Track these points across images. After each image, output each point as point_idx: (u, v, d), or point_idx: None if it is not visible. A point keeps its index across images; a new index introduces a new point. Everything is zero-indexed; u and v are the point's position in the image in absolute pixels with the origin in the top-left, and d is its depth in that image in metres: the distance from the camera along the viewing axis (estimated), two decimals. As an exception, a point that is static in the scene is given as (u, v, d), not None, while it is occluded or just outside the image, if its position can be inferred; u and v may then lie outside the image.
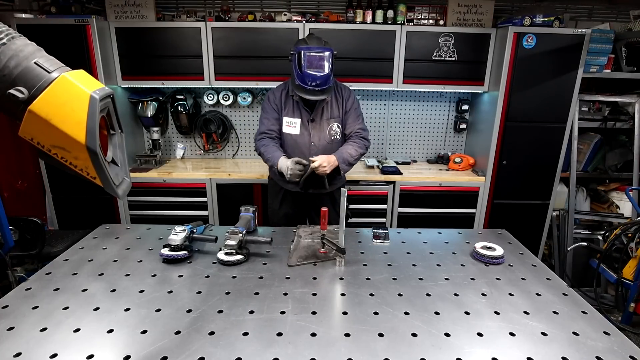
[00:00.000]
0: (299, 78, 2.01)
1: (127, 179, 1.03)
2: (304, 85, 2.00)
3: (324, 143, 2.22)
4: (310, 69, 1.98)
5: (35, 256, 2.09)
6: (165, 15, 2.99)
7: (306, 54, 1.98)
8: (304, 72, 1.98)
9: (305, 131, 2.20)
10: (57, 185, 2.98)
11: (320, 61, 1.99)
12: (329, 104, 2.20)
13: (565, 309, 1.24)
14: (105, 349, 1.02)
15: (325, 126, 2.21)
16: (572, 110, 2.87)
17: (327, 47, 2.04)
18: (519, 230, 2.07)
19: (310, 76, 1.97)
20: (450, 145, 3.52)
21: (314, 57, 1.99)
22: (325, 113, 2.20)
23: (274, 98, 2.23)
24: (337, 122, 2.23)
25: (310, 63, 1.98)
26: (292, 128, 2.21)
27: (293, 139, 2.22)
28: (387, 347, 1.04)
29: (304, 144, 2.21)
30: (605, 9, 3.21)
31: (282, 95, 2.22)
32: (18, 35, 0.82)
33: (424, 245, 1.70)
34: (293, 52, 2.06)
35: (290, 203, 2.36)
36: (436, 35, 2.87)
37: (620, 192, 3.32)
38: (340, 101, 2.22)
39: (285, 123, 2.21)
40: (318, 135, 2.20)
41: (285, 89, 2.24)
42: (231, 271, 1.44)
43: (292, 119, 2.20)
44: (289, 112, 2.20)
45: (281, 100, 2.21)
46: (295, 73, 2.03)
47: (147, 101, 3.11)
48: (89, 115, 0.81)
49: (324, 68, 1.99)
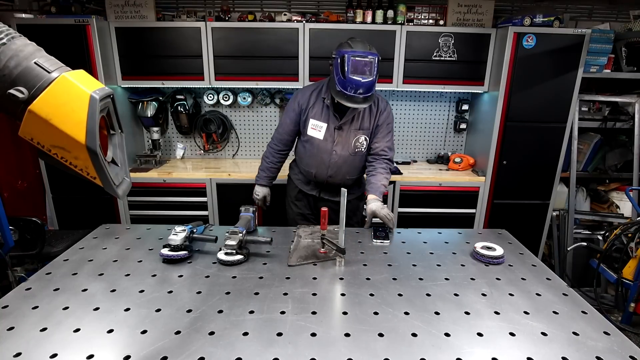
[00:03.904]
0: (340, 84, 1.85)
1: (127, 179, 1.03)
2: (345, 92, 1.84)
3: (346, 154, 2.08)
4: (354, 75, 1.81)
5: (35, 256, 2.09)
6: (165, 15, 2.99)
7: (351, 58, 1.81)
8: (348, 78, 1.81)
9: (329, 138, 2.05)
10: (57, 185, 2.98)
11: (366, 67, 1.83)
12: (360, 113, 2.04)
13: (565, 309, 1.24)
14: (105, 349, 1.02)
15: (352, 137, 2.06)
16: (572, 110, 2.87)
17: (373, 52, 1.87)
18: (519, 230, 2.07)
19: (354, 82, 1.81)
20: (450, 145, 3.52)
21: (359, 62, 1.82)
22: (355, 123, 2.04)
23: (301, 97, 2.10)
24: (365, 135, 2.07)
25: (355, 68, 1.82)
26: (317, 132, 2.06)
27: (315, 143, 2.08)
28: (387, 347, 1.04)
29: (325, 150, 2.08)
30: (605, 9, 3.21)
31: (312, 96, 2.07)
32: (18, 35, 0.82)
33: (424, 245, 1.70)
34: (335, 55, 1.89)
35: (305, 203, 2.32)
36: (436, 35, 2.87)
37: (620, 192, 3.32)
38: (374, 112, 2.06)
39: (310, 125, 2.07)
40: (342, 144, 2.06)
41: (318, 89, 2.09)
42: (231, 271, 1.44)
43: (319, 122, 2.05)
44: (317, 115, 2.06)
45: (308, 101, 2.07)
46: (336, 78, 1.87)
47: (147, 101, 3.11)
48: (89, 115, 0.81)
49: (369, 74, 1.83)
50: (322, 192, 2.23)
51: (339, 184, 2.09)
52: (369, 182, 2.04)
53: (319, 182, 2.19)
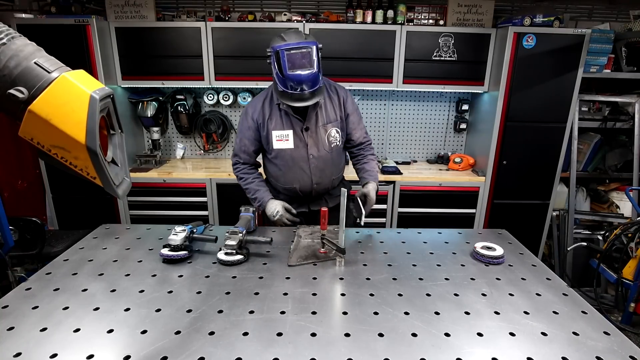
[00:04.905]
0: (281, 83, 1.67)
1: (127, 179, 1.03)
2: (289, 91, 1.66)
3: (324, 153, 1.91)
4: (293, 70, 1.62)
5: (35, 256, 2.09)
6: (165, 15, 2.99)
7: (285, 52, 1.61)
8: (287, 75, 1.62)
9: (300, 143, 1.88)
10: (57, 185, 2.98)
11: (304, 59, 1.63)
12: (323, 107, 1.88)
13: (565, 309, 1.24)
14: (105, 349, 1.02)
15: (322, 133, 1.88)
16: (572, 110, 2.87)
17: (310, 41, 1.66)
18: (519, 230, 2.06)
19: (295, 78, 1.62)
20: (450, 145, 3.52)
21: (295, 56, 1.62)
22: (321, 118, 1.87)
23: (252, 112, 1.88)
24: (336, 127, 1.91)
25: (293, 63, 1.62)
26: (284, 142, 1.87)
27: (288, 154, 1.89)
28: (387, 347, 1.04)
29: (301, 157, 1.89)
30: (605, 9, 3.21)
31: (265, 106, 1.88)
32: (18, 35, 0.82)
33: (424, 245, 1.70)
34: (270, 52, 1.68)
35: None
36: (436, 35, 2.87)
37: (620, 192, 3.32)
38: (337, 102, 1.91)
39: (275, 138, 1.87)
40: (316, 145, 1.89)
41: (268, 98, 1.89)
42: (231, 271, 1.43)
43: (282, 131, 1.86)
44: (277, 125, 1.86)
45: (262, 112, 1.87)
46: (276, 78, 1.69)
47: (147, 101, 3.11)
48: (89, 115, 0.81)
49: (310, 66, 1.63)
50: (311, 205, 2.05)
51: (326, 190, 2.03)
52: (364, 170, 1.98)
53: (305, 196, 2.01)
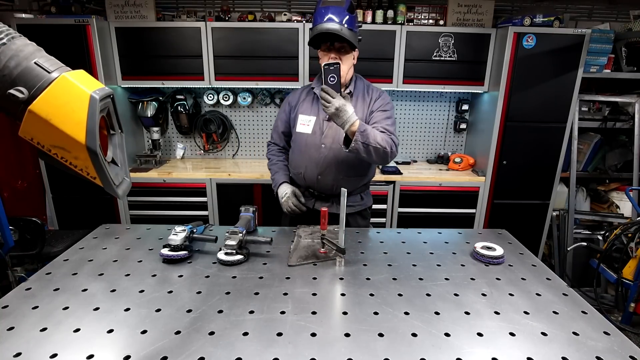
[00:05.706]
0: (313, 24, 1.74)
1: (127, 179, 1.03)
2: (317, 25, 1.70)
3: (337, 147, 1.83)
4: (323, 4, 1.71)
5: (35, 256, 2.09)
6: (165, 15, 2.99)
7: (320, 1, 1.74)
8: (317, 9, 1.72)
9: (318, 130, 1.88)
10: (57, 185, 2.98)
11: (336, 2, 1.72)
12: (354, 105, 1.83)
13: (565, 309, 1.24)
14: (105, 349, 1.02)
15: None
16: (572, 110, 2.87)
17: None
18: (519, 230, 2.07)
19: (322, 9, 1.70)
20: (450, 145, 3.52)
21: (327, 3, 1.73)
22: None
23: (292, 97, 2.02)
24: None
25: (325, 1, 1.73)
26: (305, 127, 1.91)
27: (304, 139, 1.91)
28: (387, 347, 1.04)
29: (313, 145, 1.88)
30: (605, 9, 3.21)
31: (304, 93, 1.98)
32: (18, 35, 0.82)
33: (424, 245, 1.70)
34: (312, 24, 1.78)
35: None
36: (436, 35, 2.87)
37: (620, 192, 3.33)
38: (367, 101, 1.87)
39: (299, 121, 1.92)
40: (332, 137, 1.85)
41: (310, 86, 1.99)
42: (231, 271, 1.43)
43: (307, 116, 1.91)
44: (306, 109, 1.92)
45: (299, 97, 1.98)
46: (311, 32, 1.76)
47: (147, 101, 3.12)
48: (89, 115, 0.80)
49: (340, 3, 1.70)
50: (317, 201, 2.00)
51: (332, 186, 1.93)
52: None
53: (311, 186, 1.97)
